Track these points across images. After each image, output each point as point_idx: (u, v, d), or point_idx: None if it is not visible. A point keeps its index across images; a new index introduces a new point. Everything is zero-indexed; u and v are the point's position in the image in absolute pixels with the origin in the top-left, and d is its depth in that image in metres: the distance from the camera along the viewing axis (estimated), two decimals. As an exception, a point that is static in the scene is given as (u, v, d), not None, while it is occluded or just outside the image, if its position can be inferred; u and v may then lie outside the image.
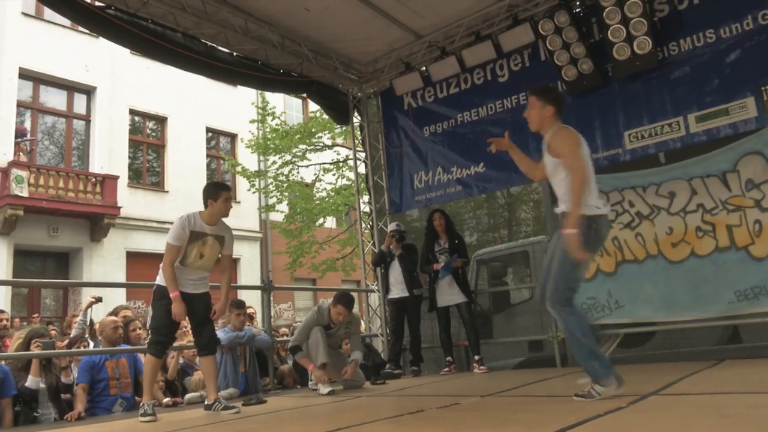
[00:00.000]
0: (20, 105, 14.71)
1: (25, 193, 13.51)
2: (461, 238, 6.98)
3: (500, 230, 17.06)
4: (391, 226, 7.25)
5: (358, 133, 8.52)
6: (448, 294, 6.66)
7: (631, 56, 5.84)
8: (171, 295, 4.38)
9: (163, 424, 4.01)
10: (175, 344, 5.30)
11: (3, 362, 4.81)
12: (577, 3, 6.46)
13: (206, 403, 4.59)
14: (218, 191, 4.61)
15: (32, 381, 4.89)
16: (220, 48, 6.93)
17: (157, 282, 4.57)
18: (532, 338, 7.49)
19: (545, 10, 6.40)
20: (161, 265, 4.52)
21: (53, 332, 5.95)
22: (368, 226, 8.37)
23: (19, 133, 14.58)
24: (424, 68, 7.59)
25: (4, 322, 5.95)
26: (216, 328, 6.14)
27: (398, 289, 6.95)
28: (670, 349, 6.21)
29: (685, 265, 5.79)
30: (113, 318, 5.70)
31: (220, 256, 4.75)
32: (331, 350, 5.55)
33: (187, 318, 4.64)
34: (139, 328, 5.93)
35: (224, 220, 4.74)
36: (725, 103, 5.64)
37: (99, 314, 7.51)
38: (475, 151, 7.15)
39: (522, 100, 6.88)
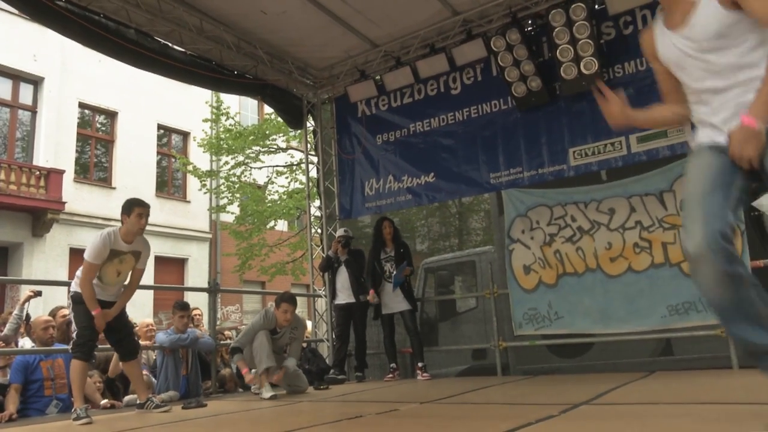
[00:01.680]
0: (-39, 93, 14.19)
1: (-38, 185, 13.02)
2: (407, 246, 7.06)
3: (451, 239, 17.23)
4: (339, 232, 7.29)
5: (311, 137, 8.53)
6: (393, 301, 6.74)
7: (578, 76, 6.04)
8: (93, 313, 4.37)
9: (98, 427, 3.94)
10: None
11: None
12: (529, 21, 6.66)
13: (138, 402, 4.63)
14: (131, 207, 4.55)
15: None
16: (173, 46, 6.86)
17: (73, 289, 4.54)
18: (475, 346, 7.63)
19: (498, 27, 6.55)
20: (78, 274, 4.50)
21: (-14, 330, 5.76)
22: (318, 231, 8.38)
23: (-41, 122, 14.05)
24: (378, 77, 7.67)
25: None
26: (160, 328, 6.09)
27: (345, 295, 6.99)
28: (606, 360, 6.42)
29: (623, 279, 6.02)
30: (45, 318, 5.56)
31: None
32: (275, 354, 5.54)
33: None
34: (78, 329, 5.78)
35: (148, 234, 4.76)
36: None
37: (38, 311, 7.32)
38: (426, 161, 7.27)
39: (473, 113, 7.03)
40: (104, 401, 5.36)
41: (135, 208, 4.54)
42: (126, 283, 4.70)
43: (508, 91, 6.56)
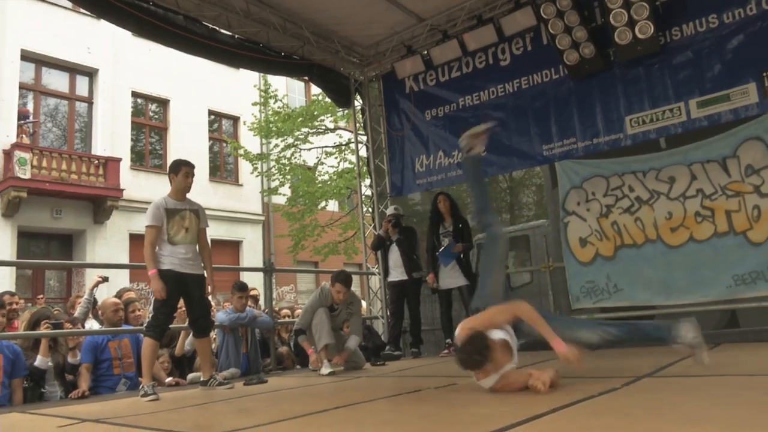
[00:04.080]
0: (23, 87, 14.70)
1: (28, 176, 13.55)
2: (466, 222, 6.98)
3: (502, 214, 17.04)
4: (389, 210, 7.28)
5: (360, 116, 8.52)
6: (450, 277, 6.70)
7: (633, 41, 5.83)
8: (149, 273, 4.50)
9: (165, 402, 4.08)
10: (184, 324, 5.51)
11: (14, 342, 4.90)
12: (580, -14, 6.44)
13: (201, 379, 4.76)
14: (179, 166, 4.85)
15: (41, 361, 5.00)
16: (221, 30, 6.93)
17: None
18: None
19: (548, -7, 6.36)
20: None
21: (56, 312, 6.04)
22: (369, 209, 8.40)
23: (22, 116, 14.58)
24: (425, 52, 7.58)
25: (14, 305, 6.03)
26: (218, 309, 6.25)
27: (397, 273, 7.00)
28: (668, 333, 6.24)
29: (684, 249, 5.84)
30: (114, 300, 5.76)
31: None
32: (334, 332, 5.61)
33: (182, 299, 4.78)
34: (139, 309, 6.01)
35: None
36: (727, 89, 5.63)
37: (102, 294, 7.59)
38: (476, 135, 7.16)
39: (524, 84, 6.87)
40: (169, 379, 5.54)
41: (182, 167, 4.83)
42: (196, 252, 4.81)
43: (559, 60, 6.39)
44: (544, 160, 6.79)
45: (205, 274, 4.86)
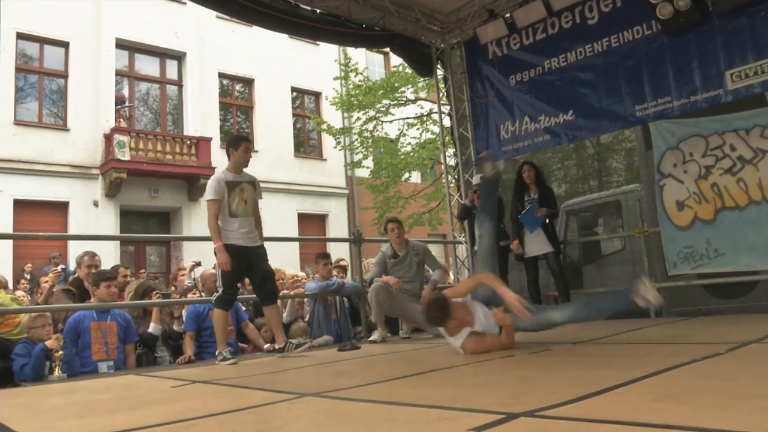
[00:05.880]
0: (118, 74, 15.52)
1: (127, 157, 14.34)
2: (550, 190, 6.84)
3: (590, 181, 16.53)
4: (475, 180, 7.22)
5: (442, 85, 8.44)
6: (536, 244, 6.59)
7: (735, -13, 5.45)
8: (215, 246, 4.66)
9: (266, 366, 4.26)
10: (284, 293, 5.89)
11: (125, 311, 5.28)
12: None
13: (277, 347, 4.92)
14: (239, 141, 4.99)
15: (154, 328, 5.39)
16: (302, 6, 7.02)
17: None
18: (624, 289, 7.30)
19: (638, -56, 6.04)
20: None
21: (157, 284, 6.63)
22: (454, 179, 8.36)
23: (119, 101, 15.43)
24: (508, 15, 7.38)
25: (127, 278, 6.48)
26: (308, 280, 6.47)
27: (484, 241, 6.97)
28: (774, 300, 5.93)
29: (793, 210, 5.48)
30: (212, 271, 6.05)
31: None
32: (409, 297, 5.76)
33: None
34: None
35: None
36: (842, 35, 5.19)
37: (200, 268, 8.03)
38: (563, 98, 6.96)
39: (613, 43, 6.59)
40: (267, 345, 5.79)
41: (242, 142, 4.99)
42: (253, 225, 4.96)
43: (652, 15, 6.04)
44: (637, 121, 6.51)
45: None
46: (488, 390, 2.51)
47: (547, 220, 6.61)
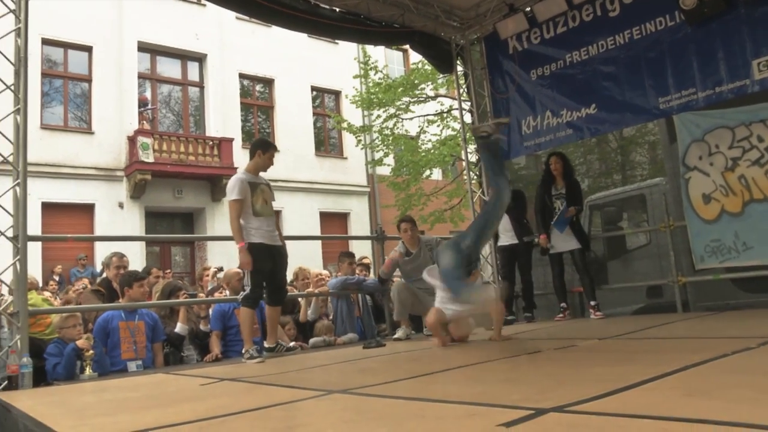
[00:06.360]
0: (140, 76, 15.73)
1: (151, 159, 14.53)
2: (577, 183, 6.79)
3: (613, 175, 16.36)
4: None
5: (462, 81, 8.40)
6: (562, 240, 6.56)
7: (762, -26, 5.35)
8: (238, 246, 4.72)
9: (291, 364, 4.30)
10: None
11: (152, 310, 5.36)
12: None
13: (267, 346, 5.07)
14: (269, 147, 5.15)
15: (181, 327, 5.47)
16: (322, 5, 7.03)
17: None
18: (651, 283, 7.23)
19: (660, -66, 5.96)
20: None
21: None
22: (476, 175, 8.33)
23: (142, 103, 15.63)
24: (528, 9, 7.32)
25: (159, 278, 6.61)
26: (331, 278, 6.52)
27: (507, 237, 6.95)
28: (805, 294, 5.82)
29: (824, 202, 5.37)
30: (237, 270, 6.12)
31: None
32: (421, 292, 5.73)
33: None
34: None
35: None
36: None
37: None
38: (586, 92, 6.89)
39: (635, 35, 6.51)
40: (292, 343, 5.84)
41: (272, 149, 5.16)
42: (274, 224, 5.08)
43: (675, 5, 5.96)
44: (661, 113, 6.42)
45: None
46: (516, 386, 2.51)
47: (574, 217, 6.57)
